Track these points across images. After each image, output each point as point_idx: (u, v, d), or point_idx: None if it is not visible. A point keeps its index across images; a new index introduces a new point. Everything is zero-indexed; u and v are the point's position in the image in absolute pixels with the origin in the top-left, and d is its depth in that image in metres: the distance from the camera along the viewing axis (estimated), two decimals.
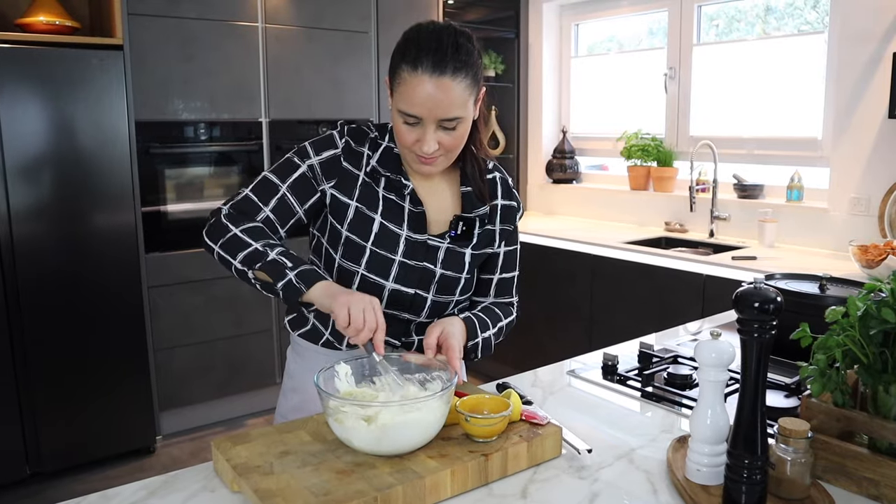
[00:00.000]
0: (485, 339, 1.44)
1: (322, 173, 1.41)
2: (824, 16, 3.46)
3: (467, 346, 1.40)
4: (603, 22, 4.54)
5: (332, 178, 1.41)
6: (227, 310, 3.56)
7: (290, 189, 1.40)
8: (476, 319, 1.44)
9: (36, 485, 3.06)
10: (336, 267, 1.43)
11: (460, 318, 1.41)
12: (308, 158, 1.41)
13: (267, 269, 1.30)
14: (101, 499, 1.08)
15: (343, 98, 3.81)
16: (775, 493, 1.04)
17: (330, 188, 1.41)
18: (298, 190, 1.40)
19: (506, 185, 1.53)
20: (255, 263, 1.30)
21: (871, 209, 3.16)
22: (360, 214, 1.41)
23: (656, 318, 3.06)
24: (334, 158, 1.41)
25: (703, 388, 1.09)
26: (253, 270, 1.31)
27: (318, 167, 1.40)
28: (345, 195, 1.41)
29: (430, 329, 1.35)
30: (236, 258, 1.32)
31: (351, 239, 1.41)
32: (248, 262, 1.31)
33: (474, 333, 1.42)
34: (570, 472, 1.17)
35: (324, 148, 1.42)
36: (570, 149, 4.62)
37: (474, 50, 1.31)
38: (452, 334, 1.34)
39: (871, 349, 1.11)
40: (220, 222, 1.36)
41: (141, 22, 3.17)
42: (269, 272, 1.29)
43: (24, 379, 2.95)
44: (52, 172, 2.94)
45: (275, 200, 1.39)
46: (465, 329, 1.40)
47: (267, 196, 1.40)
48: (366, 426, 1.09)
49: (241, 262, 1.31)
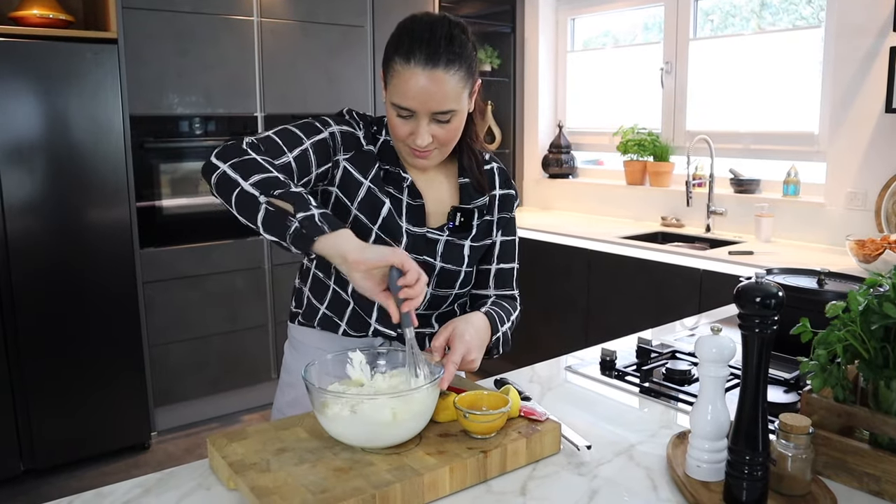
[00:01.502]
0: (504, 333, 1.42)
1: (342, 143, 1.38)
2: (819, 10, 3.46)
3: (490, 341, 1.37)
4: (599, 16, 4.53)
5: (349, 150, 1.38)
6: (222, 305, 3.55)
7: (313, 147, 1.33)
8: (495, 315, 1.41)
9: (30, 481, 3.05)
10: None
11: (482, 314, 1.37)
12: (329, 126, 1.37)
13: (288, 197, 1.17)
14: (96, 496, 1.07)
15: (339, 92, 3.80)
16: (776, 489, 1.04)
17: (344, 160, 1.38)
18: (319, 151, 1.35)
19: (503, 174, 1.52)
20: (272, 189, 1.18)
21: (868, 204, 3.16)
22: (371, 195, 1.38)
23: (653, 313, 3.06)
24: (354, 136, 1.39)
25: (704, 383, 1.08)
26: (268, 196, 1.17)
27: (339, 136, 1.37)
28: (359, 173, 1.38)
29: (441, 330, 1.30)
30: (249, 179, 1.19)
31: (359, 218, 1.38)
32: (265, 186, 1.18)
33: (496, 328, 1.39)
34: (569, 468, 1.16)
35: (341, 122, 1.39)
36: (566, 143, 4.61)
37: (468, 42, 1.29)
38: (460, 336, 1.28)
39: (872, 344, 1.10)
40: (238, 146, 1.25)
41: (135, 15, 3.15)
42: (292, 200, 1.17)
43: (18, 375, 2.93)
44: (46, 167, 2.92)
45: (299, 150, 1.31)
46: (487, 326, 1.36)
47: (291, 144, 1.31)
48: (348, 418, 1.09)
49: (255, 184, 1.18)
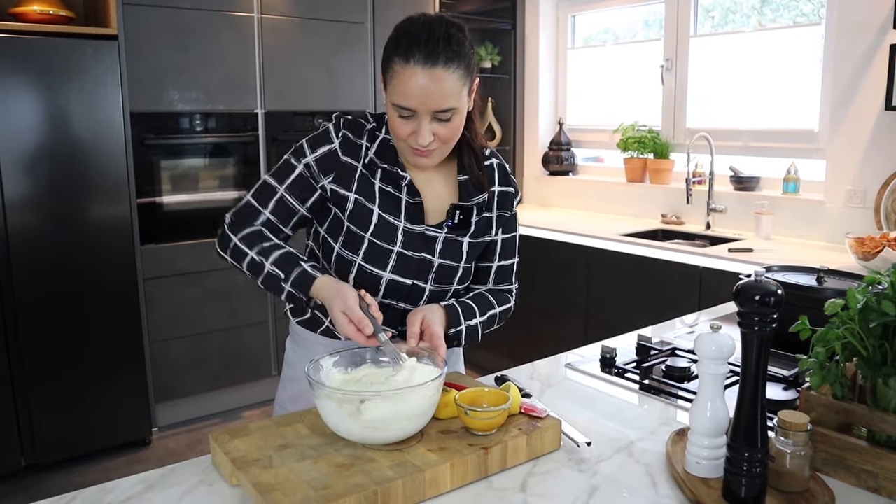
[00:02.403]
0: (469, 326, 1.43)
1: (319, 170, 1.41)
2: (819, 7, 3.46)
3: (449, 333, 1.39)
4: (599, 13, 4.53)
5: (329, 173, 1.41)
6: (222, 301, 3.55)
7: (288, 190, 1.42)
8: (461, 307, 1.43)
9: (31, 476, 3.06)
10: (334, 255, 1.43)
11: (440, 306, 1.41)
12: (304, 157, 1.42)
13: (265, 285, 1.37)
14: (100, 492, 1.08)
15: (339, 89, 3.80)
16: (775, 485, 1.05)
17: (329, 183, 1.41)
18: (297, 190, 1.42)
19: (503, 170, 1.53)
20: (256, 276, 1.38)
21: (868, 201, 3.16)
22: (359, 205, 1.41)
23: (653, 310, 3.07)
24: (331, 153, 1.41)
25: (703, 380, 1.09)
26: (257, 281, 1.38)
27: (314, 165, 1.41)
28: (343, 188, 1.41)
29: (412, 317, 1.35)
30: (244, 267, 1.40)
31: (351, 229, 1.41)
32: (252, 273, 1.39)
33: (457, 321, 1.41)
34: (569, 465, 1.17)
35: (320, 144, 1.42)
36: (566, 140, 4.61)
37: (466, 40, 1.31)
38: (433, 322, 1.34)
39: (871, 342, 1.11)
40: (223, 233, 1.43)
41: (136, 12, 3.15)
42: (269, 287, 1.37)
43: (20, 371, 2.94)
44: (47, 163, 2.92)
45: (273, 202, 1.42)
46: (444, 316, 1.40)
47: (266, 199, 1.43)
48: (353, 416, 1.10)
49: (248, 270, 1.39)
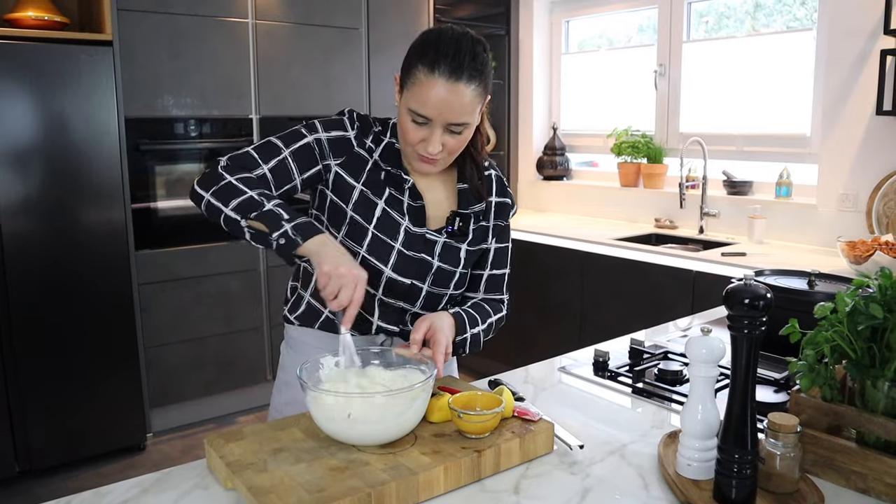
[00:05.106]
0: (473, 334, 1.46)
1: (330, 150, 1.42)
2: (812, 12, 3.49)
3: (456, 341, 1.41)
4: (593, 19, 4.55)
5: (339, 156, 1.42)
6: (217, 307, 3.55)
7: (293, 155, 1.40)
8: (466, 315, 1.45)
9: (25, 482, 3.05)
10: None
11: (450, 314, 1.42)
12: (315, 132, 1.42)
13: (262, 219, 1.27)
14: (95, 496, 1.08)
15: (334, 94, 3.81)
16: (765, 487, 1.06)
17: (336, 165, 1.42)
18: (300, 158, 1.40)
19: (500, 182, 1.56)
20: (249, 212, 1.28)
21: (859, 205, 3.19)
22: (364, 197, 1.43)
23: (646, 314, 3.08)
24: (345, 140, 1.43)
25: (694, 383, 1.10)
26: (247, 219, 1.28)
27: (325, 143, 1.42)
28: (351, 177, 1.43)
29: (418, 324, 1.36)
30: (228, 205, 1.29)
31: (355, 219, 1.42)
32: (242, 210, 1.28)
33: (463, 329, 1.43)
34: (561, 467, 1.18)
35: (333, 127, 1.43)
36: (560, 145, 4.63)
37: (488, 60, 1.35)
38: (440, 329, 1.35)
39: (860, 344, 1.12)
40: (214, 171, 1.34)
41: (130, 18, 3.15)
42: (265, 221, 1.27)
43: (13, 376, 2.93)
44: (42, 169, 2.92)
45: (275, 161, 1.38)
46: (454, 325, 1.41)
47: (268, 156, 1.39)
48: (342, 416, 1.11)
49: (234, 209, 1.29)
